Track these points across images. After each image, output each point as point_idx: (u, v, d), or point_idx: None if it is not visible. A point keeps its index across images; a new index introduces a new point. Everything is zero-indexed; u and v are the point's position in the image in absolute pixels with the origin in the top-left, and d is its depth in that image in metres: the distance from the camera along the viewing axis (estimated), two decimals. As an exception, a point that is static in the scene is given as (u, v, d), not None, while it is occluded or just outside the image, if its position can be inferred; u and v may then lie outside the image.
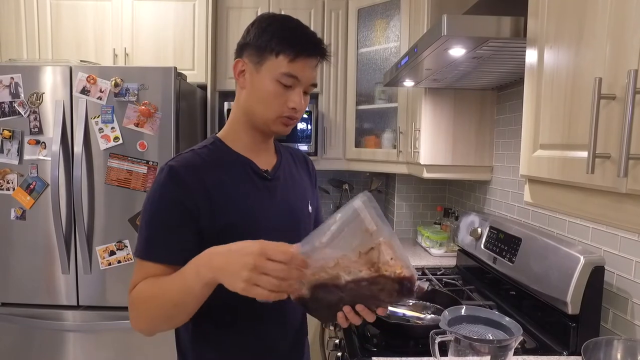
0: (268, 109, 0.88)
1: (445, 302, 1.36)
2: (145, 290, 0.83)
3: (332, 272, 0.73)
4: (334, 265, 0.73)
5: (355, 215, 0.72)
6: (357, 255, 0.72)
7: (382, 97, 2.40)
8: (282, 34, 0.86)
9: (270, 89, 0.87)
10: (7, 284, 2.03)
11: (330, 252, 0.72)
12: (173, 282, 0.79)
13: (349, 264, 0.73)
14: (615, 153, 0.64)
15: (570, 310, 1.15)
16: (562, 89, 0.80)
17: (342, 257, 0.72)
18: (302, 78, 0.87)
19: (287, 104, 0.88)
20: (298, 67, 0.86)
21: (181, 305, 0.79)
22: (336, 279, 0.73)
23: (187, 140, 2.12)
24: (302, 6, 2.48)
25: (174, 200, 0.84)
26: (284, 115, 0.89)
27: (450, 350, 0.94)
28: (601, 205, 0.71)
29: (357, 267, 0.73)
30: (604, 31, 0.67)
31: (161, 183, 0.85)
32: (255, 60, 0.88)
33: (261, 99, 0.88)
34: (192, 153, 0.90)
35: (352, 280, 0.73)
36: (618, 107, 0.63)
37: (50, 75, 1.95)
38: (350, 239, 0.72)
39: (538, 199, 0.92)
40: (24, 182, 1.98)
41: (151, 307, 0.82)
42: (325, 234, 0.72)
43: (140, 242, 0.86)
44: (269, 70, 0.86)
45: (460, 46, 1.17)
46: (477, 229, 1.75)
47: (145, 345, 2.02)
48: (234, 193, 0.89)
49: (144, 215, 0.86)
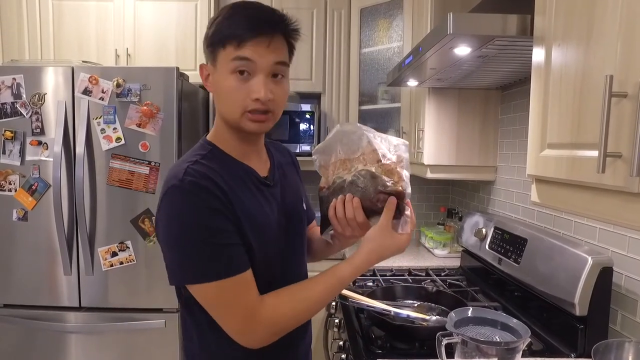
0: (232, 106, 0.82)
1: (450, 304, 1.35)
2: (286, 299, 0.84)
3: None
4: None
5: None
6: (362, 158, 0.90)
7: (385, 97, 2.38)
8: (226, 23, 0.80)
9: (227, 83, 0.81)
10: (9, 286, 2.02)
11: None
12: (319, 279, 0.86)
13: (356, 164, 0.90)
14: (626, 152, 0.62)
15: (578, 312, 1.13)
16: (570, 88, 0.79)
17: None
18: (258, 60, 0.79)
19: (249, 95, 0.81)
20: (248, 49, 0.79)
21: (336, 292, 0.88)
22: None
23: (189, 140, 2.11)
24: (305, 6, 2.47)
25: (214, 209, 0.78)
26: (248, 110, 0.82)
27: (456, 352, 0.93)
28: (612, 206, 0.69)
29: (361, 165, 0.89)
30: (615, 28, 0.66)
31: (191, 199, 0.78)
32: (211, 59, 0.84)
33: (224, 97, 0.83)
34: (199, 164, 0.83)
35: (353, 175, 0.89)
36: (630, 105, 0.62)
37: (52, 75, 1.94)
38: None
39: (545, 199, 0.91)
40: (25, 183, 1.97)
41: (305, 308, 0.85)
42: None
43: (206, 265, 0.78)
44: (222, 64, 0.81)
45: (465, 45, 1.16)
46: (481, 229, 1.74)
47: (147, 347, 2.02)
48: (246, 202, 0.85)
49: (190, 238, 0.78)
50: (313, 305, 0.85)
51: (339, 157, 0.93)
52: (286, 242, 0.94)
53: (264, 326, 0.81)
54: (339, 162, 0.93)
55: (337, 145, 0.93)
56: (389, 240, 0.87)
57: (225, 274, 0.78)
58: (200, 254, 0.78)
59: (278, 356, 0.92)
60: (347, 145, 0.91)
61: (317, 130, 2.49)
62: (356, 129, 0.90)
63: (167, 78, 1.94)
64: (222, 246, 0.79)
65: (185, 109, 2.08)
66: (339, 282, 0.87)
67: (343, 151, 0.92)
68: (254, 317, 0.80)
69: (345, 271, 0.87)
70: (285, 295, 0.84)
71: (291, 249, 0.96)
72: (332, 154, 0.94)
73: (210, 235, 0.78)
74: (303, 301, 0.85)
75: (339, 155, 0.93)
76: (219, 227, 0.79)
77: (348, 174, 0.90)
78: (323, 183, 0.96)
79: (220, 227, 0.79)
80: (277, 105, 0.85)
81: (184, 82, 2.07)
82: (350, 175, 0.89)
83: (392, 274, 1.87)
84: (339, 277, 0.86)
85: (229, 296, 0.79)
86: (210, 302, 0.81)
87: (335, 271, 0.87)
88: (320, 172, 0.97)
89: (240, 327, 0.80)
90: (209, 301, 0.81)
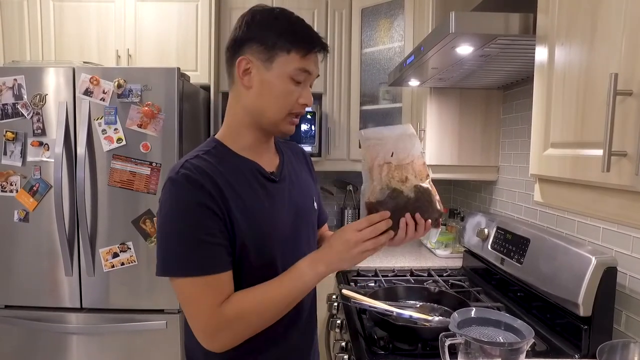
0: (280, 108, 0.87)
1: (452, 304, 1.34)
2: (248, 301, 0.81)
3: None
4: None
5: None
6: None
7: (387, 97, 2.38)
8: (291, 29, 0.85)
9: (283, 86, 0.86)
10: (10, 287, 2.02)
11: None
12: (284, 284, 0.83)
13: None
14: (632, 150, 0.62)
15: (581, 312, 1.12)
16: (574, 86, 0.78)
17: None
18: (314, 72, 0.89)
19: (298, 100, 0.87)
20: (311, 63, 0.87)
21: (293, 302, 0.85)
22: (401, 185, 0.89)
23: (190, 141, 2.11)
24: (306, 6, 2.46)
25: (203, 205, 0.79)
26: (293, 112, 0.88)
27: (460, 353, 0.92)
28: (617, 205, 0.69)
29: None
30: (620, 26, 0.65)
31: (181, 192, 0.80)
32: (264, 58, 0.85)
33: (273, 97, 0.86)
34: (199, 159, 0.85)
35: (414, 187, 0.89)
36: (635, 103, 0.62)
37: (53, 76, 1.94)
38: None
39: (549, 199, 0.91)
40: (27, 184, 1.97)
41: (263, 315, 0.82)
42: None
43: (183, 259, 0.79)
44: (281, 67, 0.85)
45: (468, 44, 1.16)
46: (483, 229, 1.73)
47: (148, 348, 2.01)
48: (247, 201, 0.86)
49: (172, 231, 0.80)
50: (278, 314, 0.85)
51: (388, 159, 0.89)
52: (291, 238, 0.93)
53: (226, 327, 0.80)
54: (386, 166, 0.89)
55: (390, 146, 0.90)
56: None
57: (198, 271, 0.78)
58: (179, 247, 0.79)
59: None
60: (402, 150, 0.89)
61: (319, 130, 2.49)
62: (411, 133, 0.90)
63: (168, 78, 1.93)
64: (202, 242, 0.79)
65: (187, 110, 2.08)
66: (306, 288, 0.85)
67: (397, 154, 0.89)
68: (218, 322, 0.79)
69: (310, 280, 0.85)
70: (251, 299, 0.82)
71: (297, 245, 0.94)
72: (381, 152, 0.90)
73: (192, 230, 0.79)
74: (268, 311, 0.83)
75: (389, 159, 0.89)
76: (203, 224, 0.79)
77: (402, 184, 0.88)
78: (369, 194, 0.90)
79: (204, 224, 0.79)
80: None
81: (185, 83, 2.07)
82: (410, 190, 0.88)
83: (394, 275, 1.86)
84: (304, 281, 0.85)
85: (197, 295, 0.79)
86: (180, 298, 0.81)
87: (301, 276, 0.85)
88: (365, 174, 0.92)
89: (203, 328, 0.81)
90: (179, 296, 0.81)
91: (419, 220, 0.87)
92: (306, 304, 0.98)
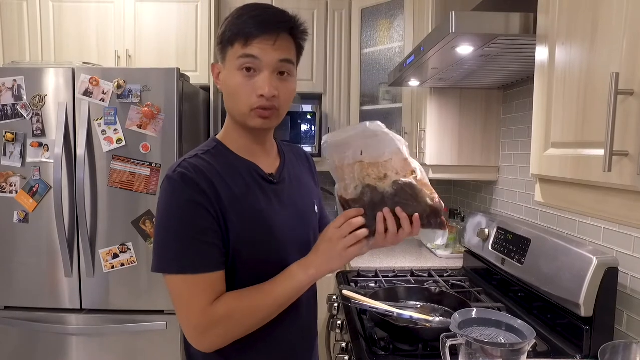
0: (239, 103, 0.84)
1: (453, 305, 1.34)
2: (240, 302, 0.80)
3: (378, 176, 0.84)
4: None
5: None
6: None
7: (387, 97, 2.38)
8: (235, 22, 0.83)
9: (235, 80, 0.83)
10: (10, 288, 2.02)
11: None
12: (278, 285, 0.82)
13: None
14: (633, 150, 0.62)
15: (583, 313, 1.12)
16: (575, 86, 0.78)
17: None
18: (263, 57, 0.81)
19: (255, 92, 0.82)
20: (254, 47, 0.81)
21: (285, 305, 0.84)
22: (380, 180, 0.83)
23: (190, 141, 2.11)
24: (305, 6, 2.46)
25: (196, 203, 0.79)
26: (255, 107, 0.83)
27: (461, 353, 0.92)
28: (618, 205, 0.69)
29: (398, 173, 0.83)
30: (621, 25, 0.65)
31: (177, 190, 0.80)
32: (221, 58, 0.87)
33: (231, 94, 0.85)
34: (197, 158, 0.85)
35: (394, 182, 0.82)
36: (636, 102, 0.61)
37: (52, 77, 1.94)
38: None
39: (550, 199, 0.90)
40: (26, 185, 1.97)
41: (254, 317, 0.82)
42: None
43: (176, 257, 0.79)
44: (230, 61, 0.84)
45: (468, 44, 1.16)
46: (484, 230, 1.73)
47: (148, 349, 2.01)
48: (243, 201, 0.85)
49: (167, 229, 0.80)
50: (270, 316, 0.84)
51: (358, 158, 0.84)
52: (289, 240, 0.91)
53: (215, 326, 0.80)
54: (358, 165, 0.84)
55: (359, 145, 0.84)
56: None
57: (189, 269, 0.79)
58: (172, 244, 0.80)
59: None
60: (373, 148, 0.83)
61: (319, 130, 2.49)
62: (382, 131, 0.83)
63: (168, 79, 1.93)
64: (195, 241, 0.79)
65: (186, 110, 2.08)
66: (298, 291, 0.84)
67: (367, 153, 0.84)
68: (208, 320, 0.79)
69: (302, 283, 0.84)
70: (242, 300, 0.82)
71: (294, 247, 0.93)
72: (349, 152, 0.85)
73: (185, 228, 0.79)
74: (259, 313, 0.82)
75: (360, 157, 0.84)
76: (196, 222, 0.79)
77: (379, 181, 0.82)
78: (343, 191, 0.87)
79: (198, 223, 0.79)
80: (281, 103, 0.86)
81: (185, 83, 2.07)
82: (388, 186, 0.82)
83: (395, 275, 1.86)
84: (296, 284, 0.84)
85: (188, 293, 0.79)
86: (172, 296, 0.82)
87: (293, 279, 0.84)
88: (335, 174, 0.88)
89: (193, 327, 0.80)
90: (171, 294, 0.82)
91: (400, 214, 0.80)
92: (306, 305, 0.97)
